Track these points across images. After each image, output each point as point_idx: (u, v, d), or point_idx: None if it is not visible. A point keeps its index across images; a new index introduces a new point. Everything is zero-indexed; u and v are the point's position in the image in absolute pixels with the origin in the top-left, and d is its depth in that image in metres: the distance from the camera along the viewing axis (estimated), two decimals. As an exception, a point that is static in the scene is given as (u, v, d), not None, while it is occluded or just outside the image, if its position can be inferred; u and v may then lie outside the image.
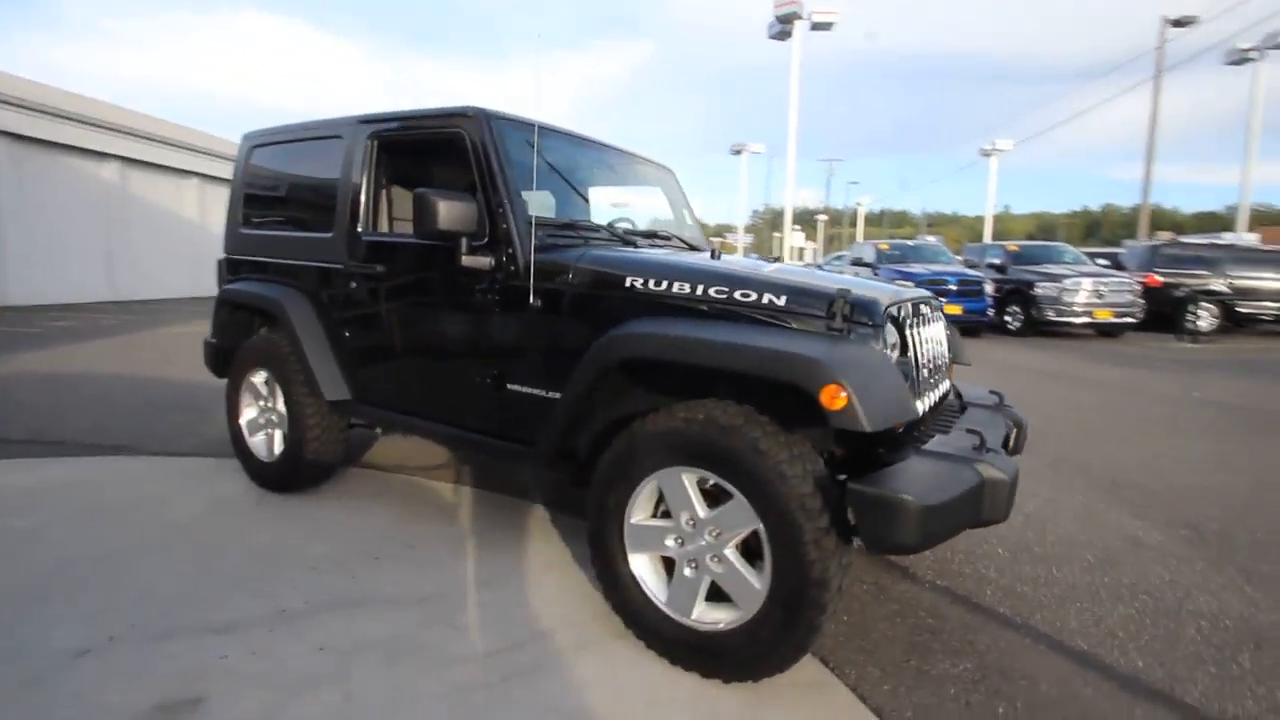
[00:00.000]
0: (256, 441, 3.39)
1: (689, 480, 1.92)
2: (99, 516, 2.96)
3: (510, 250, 2.42)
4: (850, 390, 1.62)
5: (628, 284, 2.20)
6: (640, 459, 1.97)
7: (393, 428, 3.01)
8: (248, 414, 3.42)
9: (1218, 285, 11.76)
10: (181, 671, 1.88)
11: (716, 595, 1.94)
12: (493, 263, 2.44)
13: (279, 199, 3.49)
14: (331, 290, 3.05)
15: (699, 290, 2.09)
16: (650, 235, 2.98)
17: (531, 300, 2.35)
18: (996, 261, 12.49)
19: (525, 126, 2.62)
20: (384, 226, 3.03)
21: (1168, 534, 3.08)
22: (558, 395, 2.33)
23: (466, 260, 2.44)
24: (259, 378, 3.31)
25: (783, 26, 14.94)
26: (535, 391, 2.40)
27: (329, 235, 3.04)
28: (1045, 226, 76.42)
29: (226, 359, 3.58)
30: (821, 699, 1.86)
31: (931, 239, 15.21)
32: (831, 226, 58.88)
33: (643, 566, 2.05)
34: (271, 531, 2.84)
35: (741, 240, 28.48)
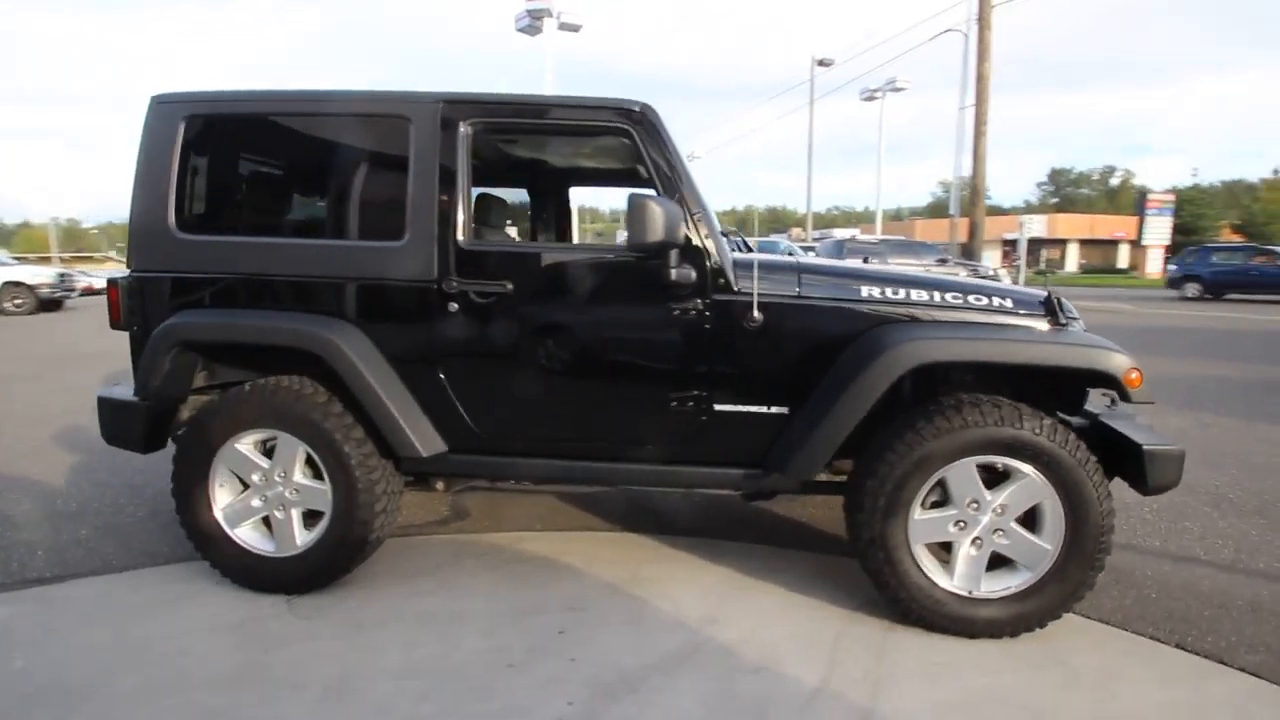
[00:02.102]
0: (247, 532, 2.45)
1: (974, 468, 2.13)
2: (76, 692, 1.86)
3: (711, 261, 2.25)
4: (1141, 372, 2.04)
5: (865, 294, 2.27)
6: (935, 457, 2.10)
7: (510, 477, 2.49)
8: (223, 498, 2.44)
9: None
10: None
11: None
12: (695, 275, 2.24)
13: (273, 192, 2.50)
14: (408, 316, 2.36)
15: (936, 297, 2.28)
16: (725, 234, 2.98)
17: (754, 314, 2.24)
18: None
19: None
20: (467, 234, 2.38)
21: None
22: (783, 410, 2.29)
23: (676, 274, 2.19)
24: (249, 443, 2.40)
25: (532, 21, 14.87)
26: (754, 409, 2.30)
27: (398, 244, 2.34)
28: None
29: (162, 426, 2.49)
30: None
31: None
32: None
33: (923, 556, 2.19)
34: (365, 647, 2.16)
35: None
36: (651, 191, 2.16)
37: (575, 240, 4.35)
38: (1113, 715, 1.83)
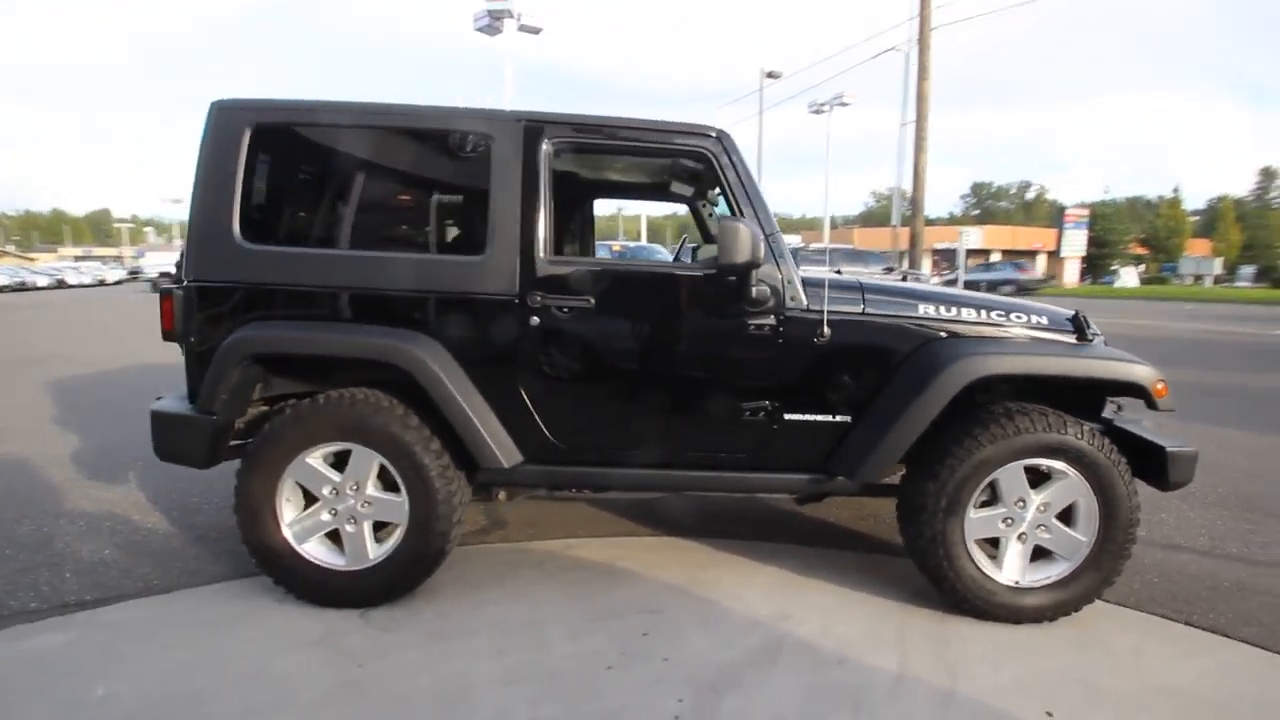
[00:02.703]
0: (314, 547, 2.43)
1: (1022, 470, 2.36)
2: (176, 717, 1.81)
3: (785, 280, 2.40)
4: (1166, 383, 2.31)
5: (922, 311, 2.47)
6: (991, 461, 2.31)
7: (588, 485, 2.56)
8: (289, 513, 2.41)
9: None
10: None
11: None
12: (770, 293, 2.38)
13: (345, 204, 2.46)
14: (488, 330, 2.40)
15: (984, 315, 2.50)
16: None
17: (824, 330, 2.40)
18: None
19: None
20: (549, 250, 2.42)
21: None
22: (846, 419, 2.46)
23: (756, 292, 2.32)
24: (319, 457, 2.38)
25: (492, 21, 14.64)
26: (821, 418, 2.46)
27: (479, 259, 2.37)
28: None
29: (224, 440, 2.43)
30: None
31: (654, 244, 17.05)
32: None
33: (976, 551, 2.40)
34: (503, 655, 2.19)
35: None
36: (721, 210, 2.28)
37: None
38: (1155, 686, 2.08)
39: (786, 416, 2.45)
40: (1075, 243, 30.32)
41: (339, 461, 2.41)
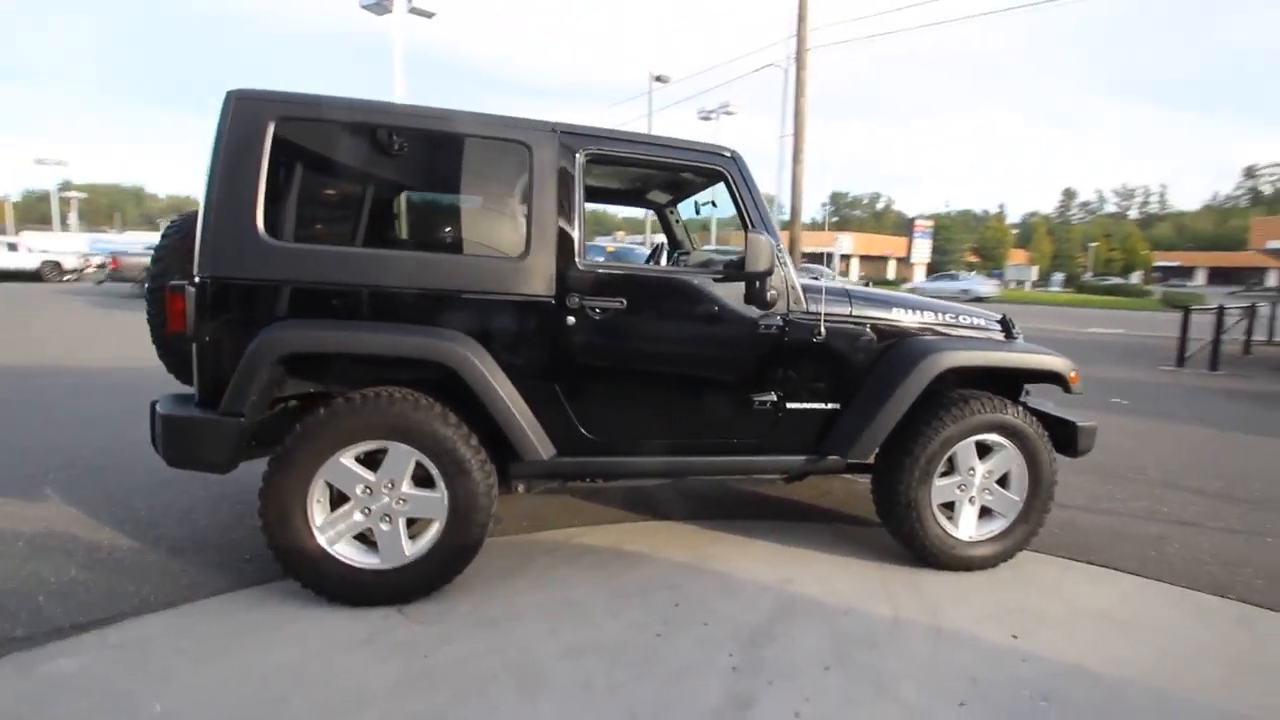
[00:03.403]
0: (345, 548, 2.42)
1: (974, 445, 2.87)
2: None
3: (790, 286, 2.74)
4: (1078, 372, 2.91)
5: (895, 315, 2.91)
6: (954, 437, 2.79)
7: (616, 475, 2.74)
8: (319, 515, 2.39)
9: None
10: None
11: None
12: (779, 297, 2.70)
13: (376, 203, 2.43)
14: (526, 329, 2.51)
15: (941, 317, 2.99)
16: None
17: (821, 329, 2.76)
18: None
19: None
20: (582, 253, 2.57)
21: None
22: (836, 406, 2.85)
23: (769, 296, 2.63)
24: (352, 456, 2.38)
25: (380, 0, 13.86)
26: (816, 406, 2.82)
27: (520, 262, 2.48)
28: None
29: (244, 444, 2.35)
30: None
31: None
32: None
33: (939, 514, 2.88)
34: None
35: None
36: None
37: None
38: (1078, 609, 2.65)
39: (789, 405, 2.79)
40: (923, 250, 34.21)
41: (369, 460, 2.42)
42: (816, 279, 3.02)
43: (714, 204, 3.47)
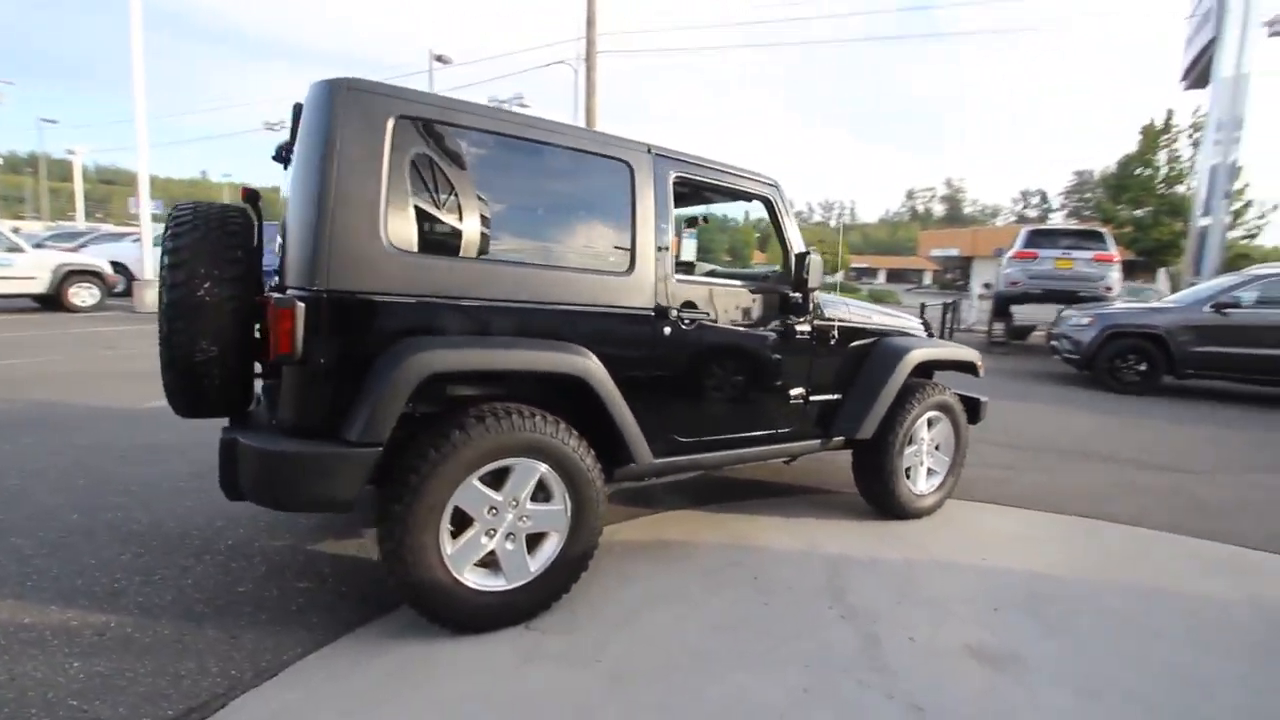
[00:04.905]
0: (470, 574, 2.34)
1: (926, 420, 3.70)
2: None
3: (814, 296, 3.25)
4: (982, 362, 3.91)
5: (874, 319, 3.59)
6: (918, 415, 3.57)
7: (694, 469, 2.99)
8: (449, 544, 2.27)
9: None
10: None
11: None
12: (811, 305, 3.20)
13: (495, 214, 2.28)
14: (631, 340, 2.63)
15: (897, 322, 3.76)
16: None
17: (835, 332, 3.33)
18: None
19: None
20: (674, 268, 2.76)
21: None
22: (839, 396, 3.46)
23: (810, 304, 3.11)
24: (481, 475, 2.32)
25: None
26: (828, 397, 3.40)
27: (629, 278, 2.58)
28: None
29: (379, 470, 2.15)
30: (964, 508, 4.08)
31: None
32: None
33: (903, 476, 3.66)
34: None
35: None
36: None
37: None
38: (997, 532, 3.62)
39: (812, 398, 3.32)
40: (690, 249, 38.09)
41: (492, 480, 2.35)
42: None
43: (705, 220, 3.83)
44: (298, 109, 2.21)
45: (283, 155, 2.79)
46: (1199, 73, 13.77)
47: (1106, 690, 2.22)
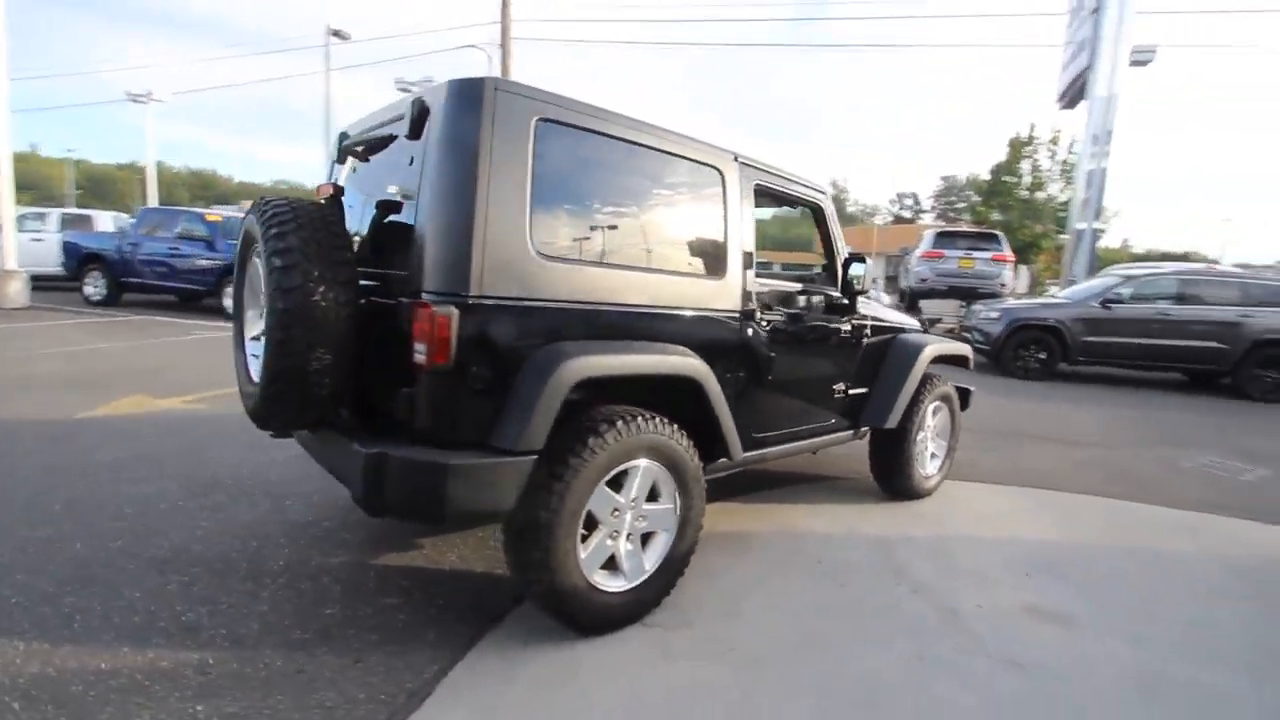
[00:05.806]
0: (598, 575, 2.36)
1: (932, 407, 4.06)
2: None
3: (854, 302, 3.49)
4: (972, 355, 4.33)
5: (890, 317, 3.89)
6: (928, 404, 3.91)
7: (767, 460, 3.13)
8: (581, 547, 2.29)
9: None
10: None
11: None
12: (854, 306, 3.44)
13: (615, 218, 2.27)
14: (723, 341, 2.72)
15: (911, 319, 4.10)
16: None
17: (868, 330, 3.58)
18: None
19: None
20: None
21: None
22: (868, 389, 3.73)
23: (857, 306, 3.33)
24: (608, 475, 2.34)
25: None
26: (862, 390, 3.66)
27: (721, 281, 2.67)
28: (94, 177, 68.86)
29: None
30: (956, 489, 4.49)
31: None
32: None
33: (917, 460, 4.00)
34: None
35: None
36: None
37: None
38: (993, 508, 4.06)
39: (850, 391, 3.56)
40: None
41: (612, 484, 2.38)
42: None
43: None
44: (420, 105, 2.10)
45: (351, 151, 2.63)
46: (1073, 94, 15.63)
47: (1148, 638, 2.61)
